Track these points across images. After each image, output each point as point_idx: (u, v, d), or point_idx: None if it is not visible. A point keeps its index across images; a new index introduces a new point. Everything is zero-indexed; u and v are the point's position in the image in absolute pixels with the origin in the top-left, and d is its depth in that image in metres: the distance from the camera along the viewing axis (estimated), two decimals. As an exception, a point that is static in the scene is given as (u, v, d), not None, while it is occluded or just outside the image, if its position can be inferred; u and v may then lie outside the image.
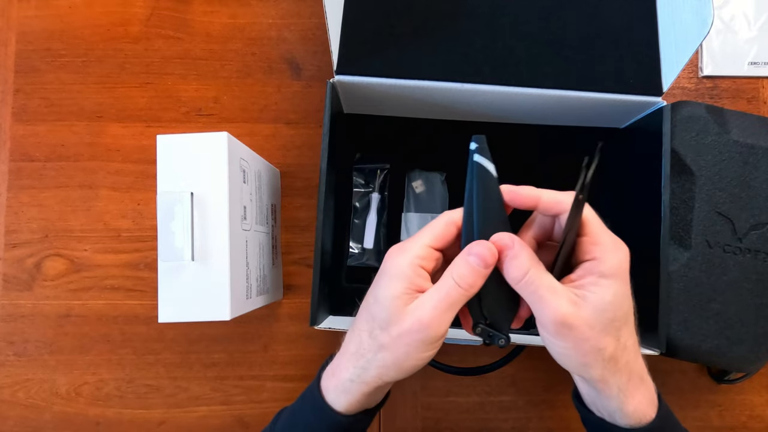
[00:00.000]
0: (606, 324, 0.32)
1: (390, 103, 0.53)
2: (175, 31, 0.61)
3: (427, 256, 0.34)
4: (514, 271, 0.33)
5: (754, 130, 0.52)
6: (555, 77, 0.48)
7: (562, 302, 0.32)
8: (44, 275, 0.58)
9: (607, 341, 0.33)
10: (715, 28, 0.61)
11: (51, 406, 0.57)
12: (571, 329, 0.32)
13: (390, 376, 0.34)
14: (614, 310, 0.32)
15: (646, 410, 0.35)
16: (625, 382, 0.34)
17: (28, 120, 0.59)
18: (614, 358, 0.33)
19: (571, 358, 0.33)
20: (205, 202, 0.42)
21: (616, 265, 0.33)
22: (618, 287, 0.33)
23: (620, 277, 0.33)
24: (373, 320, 0.34)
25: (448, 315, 0.33)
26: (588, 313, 0.32)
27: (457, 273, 0.33)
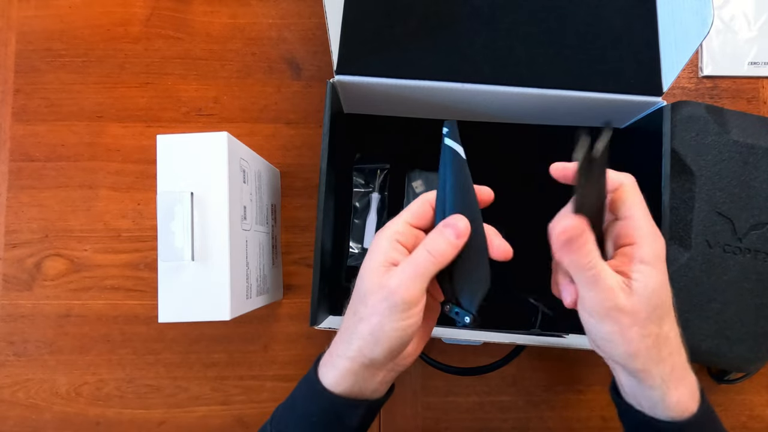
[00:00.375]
0: (650, 311, 0.33)
1: (390, 103, 0.53)
2: (175, 31, 0.61)
3: (405, 231, 0.35)
4: (582, 258, 0.33)
5: (754, 130, 0.52)
6: (555, 77, 0.48)
7: (617, 289, 0.33)
8: (44, 275, 0.58)
9: (651, 329, 0.33)
10: (715, 28, 0.61)
11: (51, 406, 0.57)
12: (620, 314, 0.32)
13: (369, 349, 0.34)
14: (657, 298, 0.33)
15: (689, 403, 0.34)
16: (668, 373, 0.34)
17: (28, 120, 0.59)
18: (658, 346, 0.33)
19: (616, 345, 0.33)
20: (205, 202, 0.42)
21: (658, 252, 0.33)
22: (659, 275, 0.33)
23: (660, 264, 0.33)
24: (358, 294, 0.36)
25: (417, 282, 0.33)
26: (636, 299, 0.32)
27: (429, 243, 0.34)
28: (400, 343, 0.34)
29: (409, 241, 0.35)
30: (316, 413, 0.37)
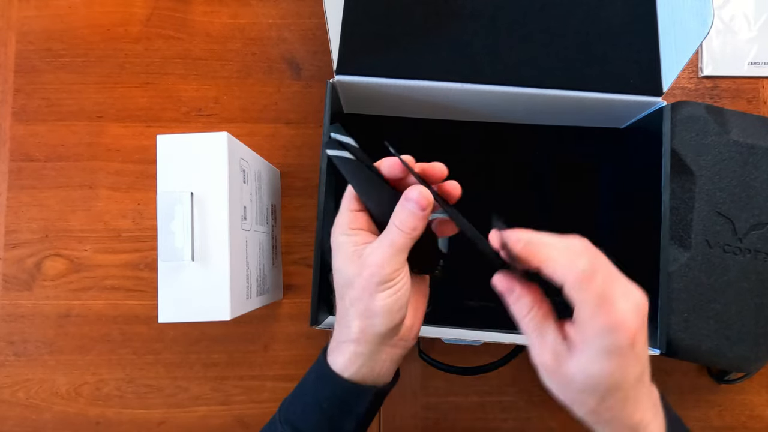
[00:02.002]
0: (589, 390, 0.32)
1: (390, 103, 0.53)
2: (175, 31, 0.61)
3: (353, 218, 0.37)
4: (516, 312, 0.35)
5: (754, 130, 0.52)
6: (555, 77, 0.48)
7: (545, 353, 0.33)
8: (44, 275, 0.58)
9: (584, 399, 0.33)
10: (715, 28, 0.61)
11: (51, 406, 0.57)
12: (551, 377, 0.34)
13: (369, 325, 0.36)
14: (597, 384, 0.32)
15: None
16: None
17: (28, 120, 0.59)
18: (596, 412, 0.34)
19: (554, 395, 0.35)
20: (205, 202, 0.42)
21: (608, 348, 0.30)
22: (608, 366, 0.31)
23: (613, 356, 0.30)
24: (340, 287, 0.37)
25: (395, 257, 0.35)
26: (569, 372, 0.32)
27: (398, 219, 0.36)
28: (395, 310, 0.36)
29: (361, 223, 0.37)
30: (326, 398, 0.38)
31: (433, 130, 0.58)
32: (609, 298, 0.30)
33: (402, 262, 0.36)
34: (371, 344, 0.37)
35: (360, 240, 0.37)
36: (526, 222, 0.39)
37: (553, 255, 0.31)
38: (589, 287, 0.30)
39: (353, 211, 0.37)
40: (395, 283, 0.36)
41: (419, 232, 0.36)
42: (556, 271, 0.31)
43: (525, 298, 0.34)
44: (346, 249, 0.36)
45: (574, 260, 0.31)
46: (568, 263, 0.31)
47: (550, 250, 0.32)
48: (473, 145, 0.59)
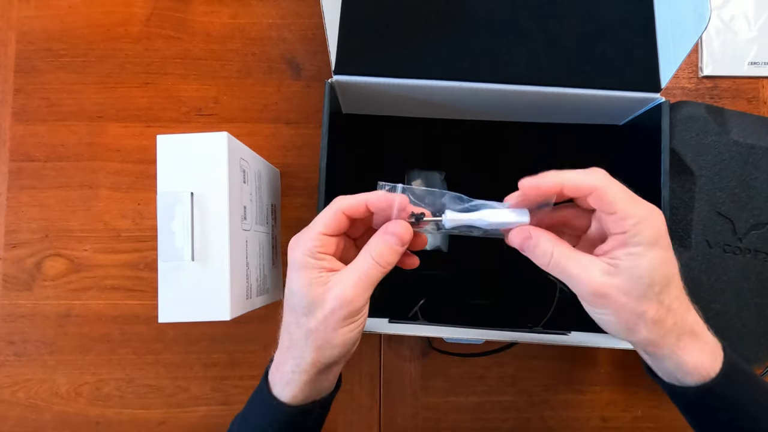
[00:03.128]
0: (644, 290, 0.33)
1: (389, 103, 0.53)
2: (175, 31, 0.61)
3: (323, 243, 0.36)
4: (539, 258, 0.35)
5: (754, 130, 0.52)
6: (553, 75, 0.48)
7: (593, 274, 0.33)
8: (44, 275, 0.58)
9: (647, 306, 0.33)
10: (715, 28, 0.61)
11: (51, 406, 0.57)
12: (606, 298, 0.33)
13: (325, 356, 0.36)
14: (651, 276, 0.33)
15: (709, 366, 0.34)
16: (675, 342, 0.34)
17: (28, 120, 0.59)
18: (659, 321, 0.33)
19: (615, 325, 0.34)
20: (205, 202, 0.42)
21: (652, 233, 0.33)
22: (654, 253, 0.33)
23: (656, 243, 0.33)
24: (295, 311, 0.36)
25: (367, 291, 0.35)
26: (622, 280, 0.32)
27: (375, 251, 0.35)
28: (352, 343, 0.36)
29: (330, 249, 0.36)
30: (271, 424, 0.37)
31: (432, 129, 0.58)
32: (635, 196, 0.34)
33: (368, 296, 0.35)
34: (322, 372, 0.36)
35: (326, 266, 0.35)
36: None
37: (571, 175, 0.34)
38: (616, 186, 0.33)
39: (326, 235, 0.36)
40: (359, 317, 0.35)
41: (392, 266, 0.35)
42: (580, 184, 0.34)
43: (544, 236, 0.35)
44: (310, 273, 0.35)
45: (592, 172, 0.34)
46: (589, 174, 0.34)
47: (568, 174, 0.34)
48: (472, 144, 0.59)
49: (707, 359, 0.34)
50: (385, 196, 0.35)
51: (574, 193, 0.34)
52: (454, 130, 0.58)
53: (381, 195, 0.36)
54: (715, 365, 0.34)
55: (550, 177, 0.34)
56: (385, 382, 0.58)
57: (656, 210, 0.34)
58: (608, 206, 0.33)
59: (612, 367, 0.58)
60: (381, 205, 0.35)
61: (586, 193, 0.34)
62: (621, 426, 0.58)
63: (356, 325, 0.35)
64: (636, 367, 0.58)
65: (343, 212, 0.36)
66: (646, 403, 0.58)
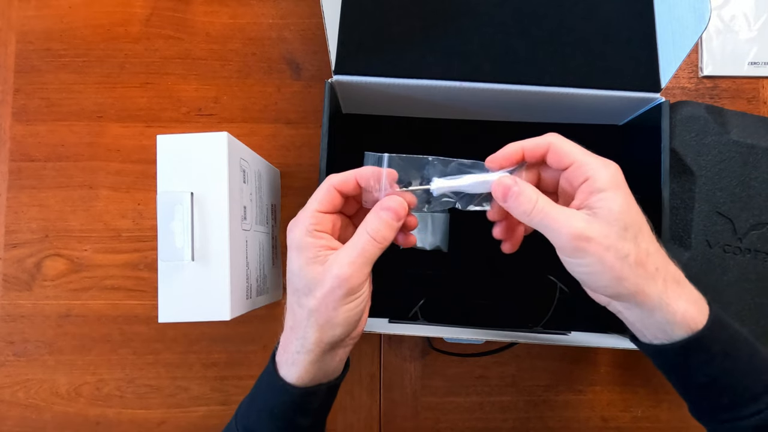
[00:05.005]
0: (620, 231, 0.33)
1: (389, 103, 0.53)
2: (175, 31, 0.61)
3: (319, 221, 0.36)
4: (523, 205, 0.35)
5: (754, 130, 0.52)
6: (553, 74, 0.48)
7: (574, 219, 0.33)
8: (44, 275, 0.58)
9: (627, 247, 0.33)
10: (715, 28, 0.61)
11: (51, 406, 0.57)
12: (589, 241, 0.33)
13: (328, 335, 0.36)
14: (624, 218, 0.33)
15: (696, 315, 0.34)
16: (663, 289, 0.34)
17: (28, 120, 0.59)
18: (641, 263, 0.33)
19: (600, 275, 0.34)
20: (205, 202, 0.42)
21: (611, 177, 0.34)
22: (620, 197, 0.33)
23: (619, 187, 0.34)
24: (297, 291, 0.36)
25: (363, 267, 0.35)
26: (601, 224, 0.33)
27: (371, 227, 0.35)
28: (355, 321, 0.36)
29: (327, 226, 0.36)
30: (277, 405, 0.38)
31: (432, 129, 0.58)
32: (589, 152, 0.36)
33: (368, 273, 0.35)
34: (326, 352, 0.36)
35: (324, 244, 0.35)
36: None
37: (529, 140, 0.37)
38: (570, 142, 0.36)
39: (321, 212, 0.36)
40: (360, 294, 0.35)
41: (389, 242, 0.35)
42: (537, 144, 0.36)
43: (528, 185, 0.35)
44: (308, 252, 0.35)
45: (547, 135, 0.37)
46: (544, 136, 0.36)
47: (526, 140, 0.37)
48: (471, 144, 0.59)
49: (694, 309, 0.34)
50: (373, 170, 0.36)
51: (534, 153, 0.36)
52: (454, 130, 0.58)
53: (369, 169, 0.36)
54: (701, 316, 0.34)
55: (511, 146, 0.37)
56: (385, 382, 0.58)
57: (609, 161, 0.35)
58: (565, 158, 0.35)
59: (612, 367, 0.58)
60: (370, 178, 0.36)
61: (544, 151, 0.36)
62: (621, 426, 0.58)
63: (357, 303, 0.35)
64: (636, 367, 0.58)
65: (335, 187, 0.36)
66: (646, 403, 0.58)
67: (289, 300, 0.37)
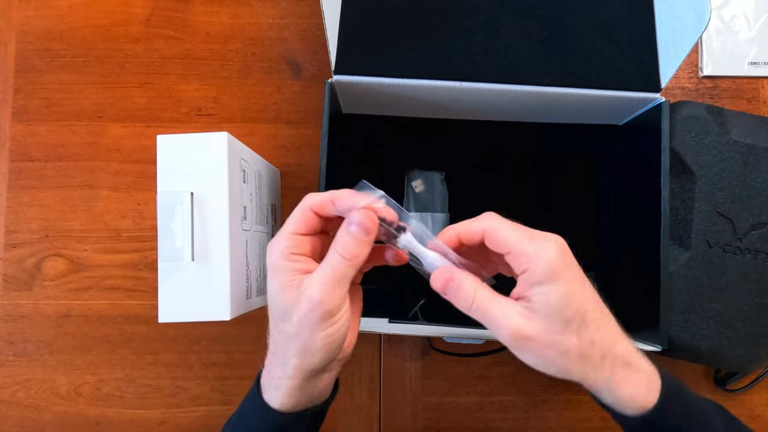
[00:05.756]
0: (561, 326, 0.32)
1: (389, 103, 0.53)
2: (175, 31, 0.61)
3: (296, 243, 0.34)
4: (461, 300, 0.34)
5: (754, 130, 0.52)
6: (553, 75, 0.48)
7: (513, 317, 0.32)
8: (44, 275, 0.58)
9: (569, 341, 0.32)
10: (715, 28, 0.61)
11: (51, 406, 0.57)
12: (528, 340, 0.32)
13: (308, 361, 0.34)
14: (564, 311, 0.32)
15: (646, 395, 0.34)
16: (609, 376, 0.33)
17: (28, 120, 0.59)
18: (585, 355, 0.33)
19: (547, 367, 0.34)
20: (205, 202, 0.42)
21: (547, 268, 0.32)
22: (559, 289, 0.32)
23: (558, 277, 0.32)
24: (274, 316, 0.35)
25: (337, 288, 0.33)
26: (540, 321, 0.32)
27: (341, 245, 0.33)
28: (335, 346, 0.35)
29: (304, 249, 0.35)
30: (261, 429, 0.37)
31: (432, 129, 0.58)
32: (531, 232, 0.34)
33: (344, 294, 0.34)
34: (308, 378, 0.35)
35: (300, 267, 0.34)
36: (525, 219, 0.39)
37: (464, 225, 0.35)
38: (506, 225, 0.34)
39: (298, 234, 0.34)
40: (337, 319, 0.34)
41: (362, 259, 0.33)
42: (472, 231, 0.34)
43: (466, 277, 0.34)
44: (284, 276, 0.34)
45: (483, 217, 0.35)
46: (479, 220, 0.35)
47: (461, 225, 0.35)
48: (472, 144, 0.59)
49: (643, 390, 0.34)
50: (351, 195, 0.34)
51: (469, 240, 0.34)
52: (454, 130, 0.58)
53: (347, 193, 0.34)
54: (651, 395, 0.34)
55: (447, 232, 0.35)
56: (385, 382, 0.58)
57: (549, 243, 0.33)
58: (501, 246, 0.33)
59: (612, 367, 0.58)
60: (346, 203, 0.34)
61: (479, 238, 0.34)
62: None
63: (336, 328, 0.34)
64: (636, 367, 0.58)
65: (311, 209, 0.35)
66: (646, 403, 0.58)
67: (270, 324, 0.36)
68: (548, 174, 0.59)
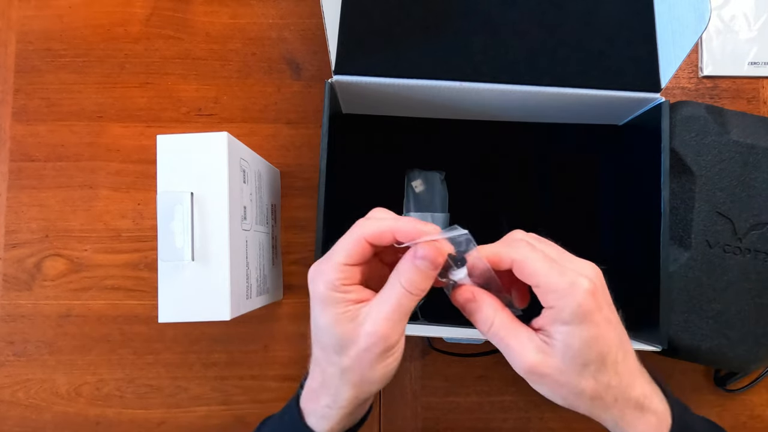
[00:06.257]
0: (579, 369, 0.32)
1: (389, 103, 0.53)
2: (175, 31, 0.61)
3: (346, 275, 0.32)
4: (479, 324, 0.34)
5: (754, 130, 0.52)
6: (553, 74, 0.48)
7: (529, 352, 0.32)
8: (44, 275, 0.58)
9: (584, 384, 0.32)
10: (715, 28, 0.61)
11: (51, 406, 0.57)
12: (542, 377, 0.32)
13: (364, 392, 0.34)
14: (584, 356, 0.32)
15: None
16: (620, 416, 0.33)
17: (28, 120, 0.59)
18: (598, 397, 0.33)
19: (557, 400, 0.33)
20: (205, 202, 0.42)
21: (574, 311, 0.31)
22: (584, 332, 0.31)
23: (585, 320, 0.31)
24: (325, 348, 0.34)
25: (400, 323, 0.32)
26: (557, 360, 0.32)
27: (406, 279, 0.31)
28: (391, 375, 0.34)
29: (355, 279, 0.33)
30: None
31: (432, 129, 0.58)
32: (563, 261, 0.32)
33: (404, 327, 0.32)
34: (359, 406, 0.35)
35: (353, 297, 0.32)
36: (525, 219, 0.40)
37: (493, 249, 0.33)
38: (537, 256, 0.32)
39: (349, 265, 0.32)
40: (396, 350, 0.33)
41: (425, 292, 0.32)
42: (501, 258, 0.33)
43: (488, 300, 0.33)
44: (337, 308, 0.32)
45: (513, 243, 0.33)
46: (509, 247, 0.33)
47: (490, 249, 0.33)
48: (472, 144, 0.59)
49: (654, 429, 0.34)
50: (416, 227, 0.31)
51: (498, 267, 0.33)
52: (454, 130, 0.58)
53: (410, 224, 0.32)
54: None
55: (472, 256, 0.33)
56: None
57: (582, 279, 0.31)
58: (529, 278, 0.32)
59: (612, 367, 0.58)
60: (409, 235, 0.31)
61: (508, 267, 0.33)
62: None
63: (394, 359, 0.33)
64: (636, 367, 0.58)
65: (366, 240, 0.32)
66: (646, 403, 0.58)
67: (315, 353, 0.35)
68: (548, 174, 0.59)
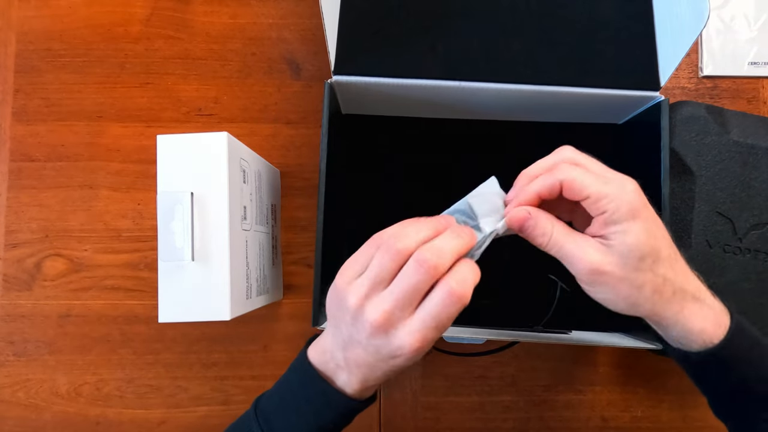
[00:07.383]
0: (636, 263, 0.33)
1: (388, 103, 0.53)
2: (175, 31, 0.61)
3: None
4: (538, 238, 0.35)
5: (754, 130, 0.52)
6: (552, 74, 0.48)
7: (589, 252, 0.34)
8: (44, 275, 0.58)
9: (643, 278, 0.34)
10: (715, 28, 0.61)
11: (51, 406, 0.57)
12: (603, 275, 0.33)
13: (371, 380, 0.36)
14: (640, 250, 0.33)
15: (713, 332, 0.35)
16: (679, 309, 0.35)
17: (28, 120, 0.59)
18: (657, 290, 0.34)
19: (617, 303, 0.35)
20: (205, 202, 0.42)
21: (627, 207, 0.33)
22: (636, 227, 0.33)
23: (636, 216, 0.33)
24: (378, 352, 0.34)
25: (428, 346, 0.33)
26: (616, 257, 0.33)
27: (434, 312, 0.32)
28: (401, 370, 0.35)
29: None
30: (332, 420, 0.37)
31: (431, 129, 0.58)
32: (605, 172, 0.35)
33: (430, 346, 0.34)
34: None
35: None
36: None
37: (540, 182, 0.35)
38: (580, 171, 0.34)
39: None
40: None
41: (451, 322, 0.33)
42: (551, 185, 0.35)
43: (543, 215, 0.35)
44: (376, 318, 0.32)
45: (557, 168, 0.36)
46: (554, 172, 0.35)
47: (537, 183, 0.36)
48: (471, 144, 0.59)
49: (711, 324, 0.35)
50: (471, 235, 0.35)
51: (549, 194, 0.35)
52: (453, 130, 0.58)
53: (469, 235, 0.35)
54: (719, 330, 0.35)
55: (527, 193, 0.36)
56: (385, 382, 0.58)
57: (627, 183, 0.34)
58: (579, 194, 0.34)
59: (612, 367, 0.58)
60: None
61: (558, 191, 0.35)
62: (621, 426, 0.58)
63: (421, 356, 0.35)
64: (635, 367, 0.58)
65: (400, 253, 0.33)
66: (645, 403, 0.58)
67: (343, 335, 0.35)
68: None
